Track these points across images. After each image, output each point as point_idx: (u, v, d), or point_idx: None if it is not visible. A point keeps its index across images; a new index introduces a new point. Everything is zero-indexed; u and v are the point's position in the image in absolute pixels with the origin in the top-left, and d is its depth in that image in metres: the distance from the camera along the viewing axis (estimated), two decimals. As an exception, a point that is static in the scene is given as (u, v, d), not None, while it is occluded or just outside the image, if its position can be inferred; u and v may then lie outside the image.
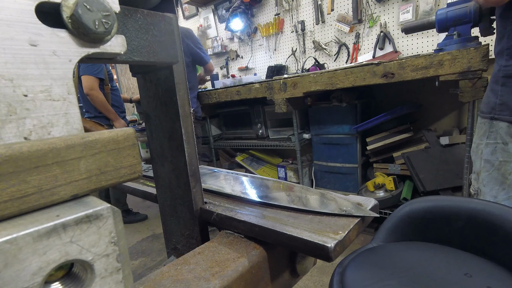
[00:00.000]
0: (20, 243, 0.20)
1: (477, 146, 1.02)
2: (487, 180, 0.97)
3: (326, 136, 2.08)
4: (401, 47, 2.14)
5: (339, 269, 0.62)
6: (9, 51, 0.25)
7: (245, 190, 0.69)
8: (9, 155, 0.22)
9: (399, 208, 0.76)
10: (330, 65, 2.54)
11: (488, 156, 0.96)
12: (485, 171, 0.98)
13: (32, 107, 0.26)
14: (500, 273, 0.56)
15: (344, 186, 2.08)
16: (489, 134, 0.96)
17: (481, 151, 0.99)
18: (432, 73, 1.38)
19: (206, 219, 0.59)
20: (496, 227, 0.62)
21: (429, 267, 0.58)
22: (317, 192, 0.64)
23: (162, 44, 0.46)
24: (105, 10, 0.29)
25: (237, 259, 0.47)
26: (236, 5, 2.81)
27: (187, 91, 0.56)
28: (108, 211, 0.25)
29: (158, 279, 0.43)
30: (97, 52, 0.31)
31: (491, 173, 0.96)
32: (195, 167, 0.59)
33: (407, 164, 1.77)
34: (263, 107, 2.39)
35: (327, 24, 2.49)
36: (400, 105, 1.82)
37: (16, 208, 0.23)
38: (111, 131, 0.29)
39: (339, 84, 1.68)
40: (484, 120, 0.98)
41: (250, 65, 3.12)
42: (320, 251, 0.42)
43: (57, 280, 0.24)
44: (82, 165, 0.27)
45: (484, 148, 0.98)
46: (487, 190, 0.98)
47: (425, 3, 1.98)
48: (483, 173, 0.99)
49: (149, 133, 0.63)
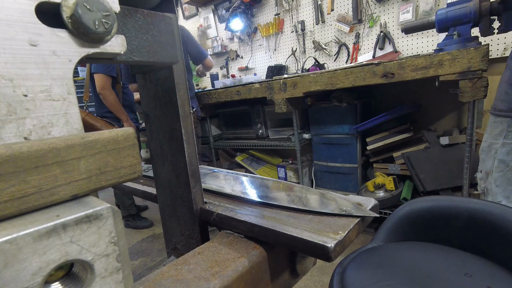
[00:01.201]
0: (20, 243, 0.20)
1: (489, 145, 0.99)
2: (501, 180, 0.96)
3: (326, 136, 2.08)
4: (401, 47, 2.15)
5: (339, 269, 0.62)
6: (9, 51, 0.25)
7: (245, 190, 0.69)
8: (9, 155, 0.22)
9: (399, 208, 0.76)
10: (330, 65, 2.54)
11: (503, 156, 0.94)
12: (498, 171, 0.96)
13: (32, 107, 0.26)
14: (500, 273, 0.56)
15: (344, 186, 2.08)
16: (507, 133, 0.92)
17: (495, 150, 0.96)
18: (432, 73, 1.38)
19: (206, 219, 0.59)
20: (496, 227, 0.62)
21: (429, 267, 0.58)
22: (317, 192, 0.64)
23: (162, 44, 0.46)
24: (105, 10, 0.29)
25: (237, 259, 0.47)
26: (236, 5, 2.81)
27: (187, 91, 0.56)
28: (108, 211, 0.25)
29: (158, 279, 0.43)
30: (97, 52, 0.31)
31: (505, 173, 0.94)
32: (195, 167, 0.59)
33: (407, 164, 1.77)
34: (263, 107, 2.39)
35: (327, 24, 2.49)
36: (400, 105, 1.82)
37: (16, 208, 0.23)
38: (111, 131, 0.29)
39: (339, 84, 1.68)
40: (501, 119, 0.94)
41: (250, 65, 3.12)
42: (320, 251, 0.42)
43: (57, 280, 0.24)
44: (82, 165, 0.27)
45: (499, 147, 0.95)
46: (499, 190, 0.96)
47: (425, 3, 1.98)
48: (496, 173, 0.96)
49: (149, 133, 0.63)
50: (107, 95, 2.07)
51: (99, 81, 2.04)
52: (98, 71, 2.04)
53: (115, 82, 2.17)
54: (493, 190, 0.98)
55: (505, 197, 0.95)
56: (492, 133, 0.98)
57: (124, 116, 2.19)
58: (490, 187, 0.99)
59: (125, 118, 2.20)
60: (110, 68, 2.06)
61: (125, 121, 2.21)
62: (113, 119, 2.16)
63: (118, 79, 2.17)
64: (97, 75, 2.04)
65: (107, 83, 2.07)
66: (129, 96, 2.35)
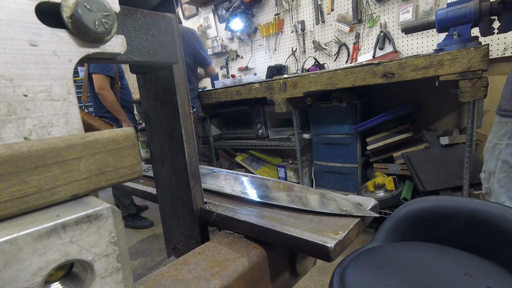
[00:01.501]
0: (20, 243, 0.20)
1: (493, 146, 0.99)
2: (505, 181, 0.95)
3: (326, 136, 2.08)
4: (401, 47, 2.14)
5: (339, 269, 0.62)
6: (9, 51, 0.25)
7: (245, 190, 0.69)
8: (9, 155, 0.22)
9: (399, 208, 0.76)
10: (330, 65, 2.54)
11: (507, 157, 0.94)
12: (502, 171, 0.96)
13: (32, 107, 0.26)
14: (500, 273, 0.56)
15: (344, 186, 2.08)
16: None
17: (499, 151, 0.96)
18: (432, 73, 1.38)
19: (206, 219, 0.59)
20: (496, 227, 0.62)
21: (429, 267, 0.58)
22: (317, 192, 0.64)
23: (162, 44, 0.46)
24: (105, 10, 0.29)
25: (237, 259, 0.47)
26: (236, 5, 2.81)
27: (187, 91, 0.56)
28: (108, 211, 0.25)
29: (158, 279, 0.43)
30: (97, 52, 0.31)
31: (509, 174, 0.94)
32: (195, 167, 0.59)
33: (407, 164, 1.77)
34: (263, 107, 2.39)
35: (327, 24, 2.49)
36: (400, 105, 1.82)
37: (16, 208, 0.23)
38: (111, 131, 0.29)
39: (339, 84, 1.68)
40: (507, 119, 0.93)
41: (250, 65, 3.12)
42: (320, 251, 0.42)
43: (57, 280, 0.24)
44: (82, 165, 0.27)
45: (504, 148, 0.94)
46: (503, 191, 0.96)
47: (425, 3, 1.98)
48: (500, 174, 0.96)
49: (149, 133, 0.63)
50: (105, 95, 2.07)
51: (97, 81, 2.04)
52: (96, 71, 2.04)
53: (113, 82, 2.17)
54: (496, 191, 0.98)
55: (509, 198, 0.94)
56: (497, 133, 0.98)
57: (123, 116, 2.19)
58: (493, 187, 0.99)
59: (124, 118, 2.20)
60: (108, 68, 2.06)
61: (124, 121, 2.21)
62: (111, 119, 2.17)
63: (116, 79, 2.18)
64: (95, 75, 2.04)
65: (106, 83, 2.07)
66: (127, 96, 2.35)
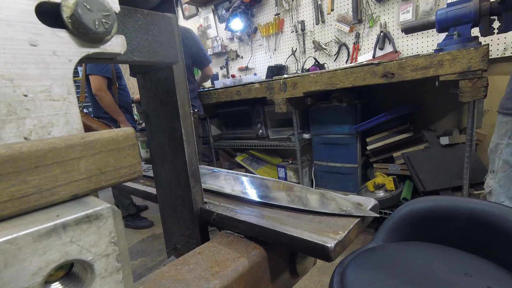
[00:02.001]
0: (20, 243, 0.20)
1: (496, 145, 0.99)
2: (504, 180, 0.96)
3: (326, 136, 2.08)
4: (401, 47, 2.15)
5: (339, 269, 0.62)
6: (9, 51, 0.25)
7: (245, 190, 0.69)
8: (9, 155, 0.22)
9: (399, 208, 0.76)
10: (330, 65, 2.54)
11: (507, 157, 0.94)
12: (502, 171, 0.96)
13: (32, 107, 0.26)
14: (500, 273, 0.56)
15: (344, 186, 2.08)
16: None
17: (500, 150, 0.97)
18: (432, 73, 1.38)
19: (206, 219, 0.59)
20: (496, 227, 0.62)
21: (429, 267, 0.58)
22: (317, 192, 0.64)
23: (162, 44, 0.46)
24: (105, 10, 0.29)
25: (237, 259, 0.47)
26: (236, 5, 2.81)
27: (187, 91, 0.56)
28: (108, 211, 0.25)
29: (158, 279, 0.43)
30: (97, 52, 0.31)
31: (508, 173, 0.94)
32: (195, 167, 0.59)
33: (407, 164, 1.77)
34: (263, 107, 2.39)
35: (327, 24, 2.49)
36: (400, 105, 1.82)
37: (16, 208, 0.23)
38: (111, 131, 0.29)
39: (339, 84, 1.68)
40: (508, 118, 0.94)
41: (250, 65, 3.12)
42: (320, 251, 0.42)
43: (57, 280, 0.24)
44: (82, 165, 0.27)
45: (504, 148, 0.95)
46: (502, 190, 0.96)
47: (425, 3, 1.98)
48: (500, 173, 0.97)
49: (149, 133, 0.63)
50: (103, 97, 2.06)
51: (94, 82, 2.04)
52: (93, 73, 2.03)
53: (111, 83, 2.16)
54: (496, 190, 0.98)
55: (508, 197, 0.95)
56: (498, 133, 0.98)
57: (121, 117, 2.19)
58: (494, 187, 0.99)
59: (122, 119, 2.20)
60: (105, 69, 2.05)
61: (122, 122, 2.20)
62: (109, 120, 2.16)
63: (113, 80, 2.17)
64: (93, 76, 2.03)
65: (103, 84, 2.06)
66: (124, 96, 2.35)
